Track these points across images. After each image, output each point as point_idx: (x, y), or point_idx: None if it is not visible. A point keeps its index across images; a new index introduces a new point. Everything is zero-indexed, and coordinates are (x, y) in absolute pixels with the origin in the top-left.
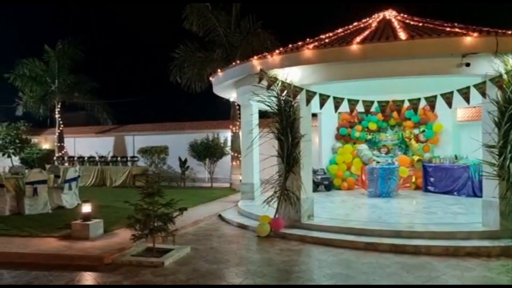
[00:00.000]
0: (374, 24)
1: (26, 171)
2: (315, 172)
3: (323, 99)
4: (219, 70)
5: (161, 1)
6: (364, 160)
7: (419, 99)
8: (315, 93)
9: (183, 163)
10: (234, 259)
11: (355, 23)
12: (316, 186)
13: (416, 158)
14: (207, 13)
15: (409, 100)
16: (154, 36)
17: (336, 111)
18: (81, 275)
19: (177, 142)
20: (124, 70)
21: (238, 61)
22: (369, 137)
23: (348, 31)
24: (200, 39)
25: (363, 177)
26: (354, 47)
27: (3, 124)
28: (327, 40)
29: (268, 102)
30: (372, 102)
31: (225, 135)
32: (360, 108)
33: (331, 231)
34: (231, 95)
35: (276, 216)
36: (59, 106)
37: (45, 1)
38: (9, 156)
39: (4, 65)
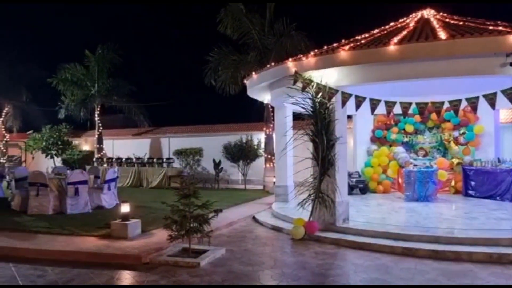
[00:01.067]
0: (411, 24)
1: (68, 171)
2: (349, 175)
3: (359, 100)
4: (253, 73)
5: (196, 5)
6: (400, 163)
7: (460, 100)
8: (350, 94)
9: (217, 165)
10: (268, 262)
11: (392, 23)
12: (350, 189)
13: (455, 161)
14: (241, 16)
15: (450, 102)
16: (189, 40)
17: (372, 113)
18: (120, 274)
19: (211, 144)
20: (160, 74)
21: (272, 64)
22: (405, 139)
23: (385, 32)
24: (234, 42)
25: (400, 180)
26: (392, 48)
27: (47, 126)
28: (363, 41)
29: (303, 104)
30: (410, 104)
31: (259, 137)
32: (397, 110)
33: (367, 235)
34: (265, 98)
35: (311, 219)
36: (98, 109)
37: (85, 7)
38: (51, 157)
39: (47, 70)
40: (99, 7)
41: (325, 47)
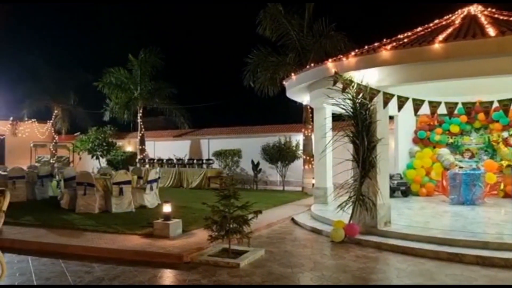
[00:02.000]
0: (457, 21)
1: (113, 172)
2: (391, 177)
3: (402, 101)
4: (292, 74)
5: (235, 8)
6: (445, 165)
7: (510, 100)
8: (392, 95)
9: (255, 166)
10: (308, 264)
11: (436, 21)
12: (392, 192)
13: (505, 163)
14: (280, 17)
15: (499, 101)
16: (228, 42)
17: (415, 114)
18: (163, 272)
19: (249, 145)
20: (200, 76)
21: (311, 65)
22: (450, 140)
23: (429, 30)
24: (272, 44)
25: (444, 183)
26: (436, 46)
27: (93, 128)
28: (406, 40)
29: (343, 105)
30: (456, 104)
31: (297, 139)
32: (441, 110)
33: (410, 239)
34: (304, 99)
35: (351, 221)
36: (141, 111)
37: (128, 12)
38: (97, 158)
39: (93, 74)
40: (142, 11)
41: (366, 47)
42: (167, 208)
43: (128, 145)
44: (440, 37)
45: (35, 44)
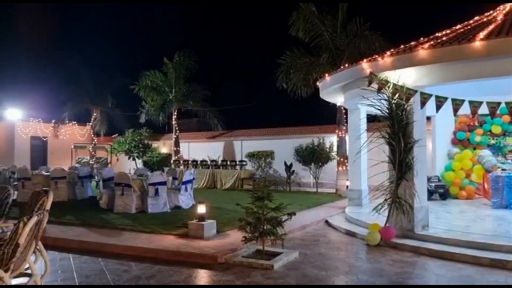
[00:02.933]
0: (499, 17)
1: (149, 173)
2: (428, 179)
3: (440, 101)
4: (326, 75)
5: (268, 10)
6: (486, 167)
7: None
8: (430, 95)
9: (288, 168)
10: (343, 267)
11: (477, 18)
12: (429, 194)
13: None
14: (313, 18)
15: None
16: (261, 44)
17: (455, 114)
18: (198, 272)
19: (282, 147)
20: (233, 78)
21: (346, 65)
22: (492, 141)
23: (469, 27)
24: (305, 45)
25: (486, 186)
26: (477, 44)
27: (129, 130)
28: (444, 38)
29: (378, 105)
30: (499, 104)
31: (331, 140)
32: (482, 110)
33: (449, 243)
34: (338, 100)
35: (387, 224)
36: (175, 113)
37: (163, 16)
38: (133, 159)
39: (130, 77)
40: (177, 14)
41: (402, 46)
42: (201, 209)
43: (163, 147)
44: (481, 35)
45: (77, 50)
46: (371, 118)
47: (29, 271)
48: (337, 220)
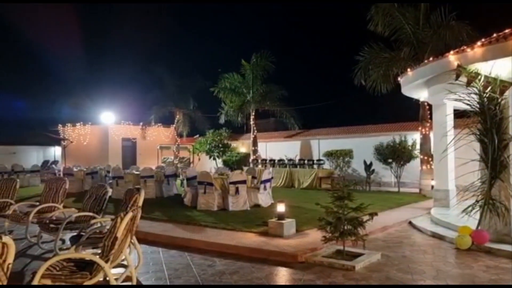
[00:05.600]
0: None
1: (229, 172)
2: None
3: None
4: (408, 70)
5: (343, 6)
6: None
7: None
8: None
9: (368, 167)
10: (430, 271)
11: None
12: None
13: None
14: (393, 11)
15: None
16: (337, 42)
17: None
18: (278, 270)
19: (361, 145)
20: (309, 77)
21: (430, 58)
22: None
23: None
24: (385, 39)
25: None
26: None
27: (210, 131)
28: None
29: (467, 100)
30: None
31: (413, 137)
32: None
33: None
34: (421, 95)
35: (479, 228)
36: (253, 114)
37: (240, 18)
38: (214, 159)
39: (209, 80)
40: (253, 17)
41: (495, 34)
42: (281, 208)
43: (242, 146)
44: None
45: (162, 56)
46: (458, 114)
47: (125, 262)
48: (422, 222)
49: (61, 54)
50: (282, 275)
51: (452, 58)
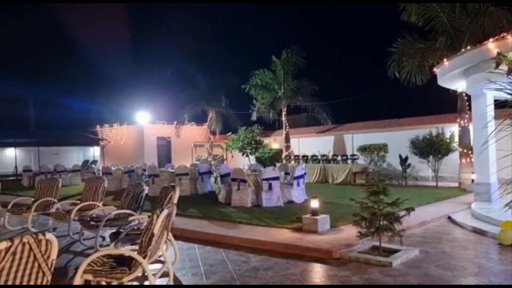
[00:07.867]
0: None
1: (262, 168)
2: None
3: None
4: (444, 60)
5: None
6: None
7: None
8: None
9: (403, 161)
10: (471, 268)
11: None
12: None
13: None
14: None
15: None
16: (368, 34)
17: None
18: (313, 266)
19: (396, 139)
20: (341, 70)
21: (467, 47)
22: None
23: None
24: (419, 30)
25: None
26: None
27: (242, 128)
28: None
29: (509, 89)
30: None
31: (451, 130)
32: None
33: None
34: (459, 85)
35: None
36: (284, 109)
37: (271, 16)
38: (247, 155)
39: (241, 77)
40: (283, 12)
41: None
42: (314, 204)
43: (274, 143)
44: None
45: (195, 56)
46: (500, 104)
47: (162, 258)
48: (462, 217)
49: (103, 56)
50: (317, 271)
51: (492, 46)
